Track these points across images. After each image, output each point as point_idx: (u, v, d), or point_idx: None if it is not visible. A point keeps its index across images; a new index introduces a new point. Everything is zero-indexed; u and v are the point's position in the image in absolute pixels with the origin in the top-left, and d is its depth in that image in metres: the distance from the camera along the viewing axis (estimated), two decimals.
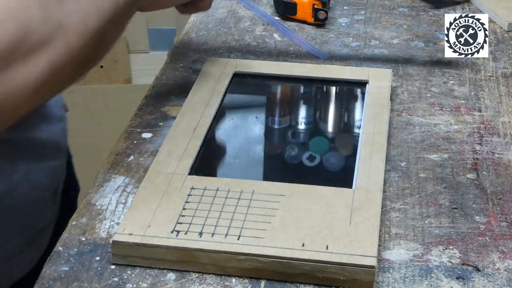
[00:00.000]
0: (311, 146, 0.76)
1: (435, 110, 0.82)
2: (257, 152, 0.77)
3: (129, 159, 0.73)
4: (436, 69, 0.92)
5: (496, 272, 0.60)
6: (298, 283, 0.58)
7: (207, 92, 0.79)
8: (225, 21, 1.04)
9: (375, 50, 0.96)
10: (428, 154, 0.75)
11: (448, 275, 0.59)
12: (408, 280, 0.59)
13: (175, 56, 0.94)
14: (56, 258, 0.61)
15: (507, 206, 0.68)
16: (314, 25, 1.02)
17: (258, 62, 0.89)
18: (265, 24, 1.03)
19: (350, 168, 0.68)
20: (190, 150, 0.70)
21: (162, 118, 0.80)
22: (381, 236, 0.63)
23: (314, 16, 1.02)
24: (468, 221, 0.65)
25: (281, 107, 0.86)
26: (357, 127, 0.78)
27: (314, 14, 1.02)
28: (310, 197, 0.63)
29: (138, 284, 0.58)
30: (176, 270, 0.59)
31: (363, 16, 1.06)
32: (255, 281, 0.58)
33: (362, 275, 0.57)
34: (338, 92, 0.86)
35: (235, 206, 0.62)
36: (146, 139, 0.77)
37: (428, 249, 0.62)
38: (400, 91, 0.86)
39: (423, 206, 0.67)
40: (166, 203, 0.63)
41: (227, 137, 0.77)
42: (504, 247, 0.63)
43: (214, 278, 0.59)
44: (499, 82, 0.89)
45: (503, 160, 0.74)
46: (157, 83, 0.88)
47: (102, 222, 0.65)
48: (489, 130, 0.79)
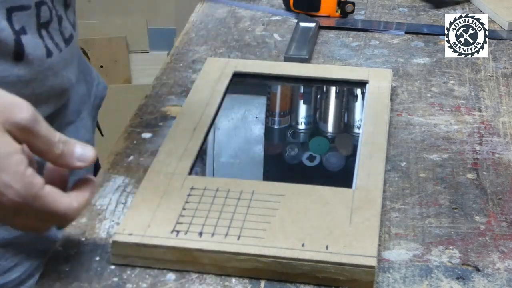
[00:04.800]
0: (311, 146, 0.76)
1: (435, 110, 0.82)
2: (257, 152, 0.77)
3: (129, 159, 0.73)
4: (436, 69, 0.92)
5: (496, 272, 0.60)
6: (298, 283, 0.58)
7: (207, 92, 0.79)
8: (225, 21, 1.04)
9: (375, 50, 0.96)
10: (428, 154, 0.75)
11: (448, 275, 0.59)
12: (408, 280, 0.59)
13: (175, 56, 0.94)
14: (56, 258, 0.61)
15: (507, 206, 0.68)
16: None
17: (258, 62, 0.89)
18: (265, 24, 1.03)
19: (350, 168, 0.68)
20: (190, 150, 0.70)
21: (162, 118, 0.80)
22: (381, 236, 0.63)
23: (340, 10, 1.02)
24: (468, 221, 0.65)
25: (281, 107, 0.86)
26: (357, 127, 0.78)
27: (340, 8, 1.02)
28: (310, 197, 0.63)
29: (138, 284, 0.58)
30: (176, 270, 0.59)
31: (363, 16, 1.06)
32: (255, 281, 0.58)
33: (362, 275, 0.57)
34: (338, 92, 0.86)
35: (235, 206, 0.62)
36: (146, 139, 0.77)
37: (428, 249, 0.62)
38: (400, 91, 0.86)
39: (423, 206, 0.67)
40: (166, 203, 0.63)
41: (227, 137, 0.77)
42: (504, 247, 0.62)
43: (214, 278, 0.59)
44: (499, 82, 0.89)
45: (503, 160, 0.74)
46: (157, 83, 0.88)
47: (102, 222, 0.65)
48: (489, 130, 0.79)
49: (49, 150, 0.53)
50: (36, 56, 0.70)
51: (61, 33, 0.74)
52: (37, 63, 0.71)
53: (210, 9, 1.09)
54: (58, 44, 0.73)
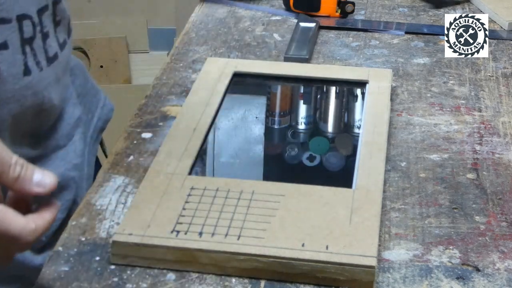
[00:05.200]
0: (311, 146, 0.76)
1: (435, 110, 0.82)
2: (257, 152, 0.77)
3: (129, 159, 0.73)
4: (436, 69, 0.92)
5: (496, 272, 0.60)
6: (298, 283, 0.58)
7: (207, 92, 0.79)
8: (225, 21, 1.04)
9: (375, 50, 0.96)
10: (428, 154, 0.75)
11: (448, 275, 0.59)
12: (408, 280, 0.59)
13: (175, 56, 0.94)
14: (56, 258, 0.61)
15: (507, 206, 0.68)
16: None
17: (258, 62, 0.89)
18: (265, 24, 1.03)
19: (350, 168, 0.68)
20: (190, 150, 0.70)
21: (162, 118, 0.80)
22: (381, 236, 0.63)
23: (340, 10, 1.02)
24: (468, 221, 0.65)
25: (281, 107, 0.86)
26: (357, 127, 0.78)
27: (340, 8, 1.02)
28: (310, 197, 0.63)
29: (138, 284, 0.58)
30: (176, 270, 0.59)
31: (363, 16, 1.06)
32: (255, 281, 0.58)
33: (362, 275, 0.57)
34: (338, 92, 0.86)
35: (235, 206, 0.62)
36: (146, 139, 0.77)
37: (428, 249, 0.62)
38: (400, 91, 0.86)
39: (423, 206, 0.67)
40: (166, 203, 0.63)
41: (227, 137, 0.77)
42: (504, 247, 0.62)
43: (214, 278, 0.59)
44: (499, 82, 0.89)
45: (503, 160, 0.74)
46: (157, 83, 0.88)
47: (102, 222, 0.65)
48: (489, 130, 0.79)
49: (3, 171, 0.51)
50: (11, 74, 0.67)
51: (45, 51, 0.71)
52: (11, 81, 0.68)
53: (210, 9, 1.09)
54: (40, 62, 0.70)
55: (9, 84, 0.68)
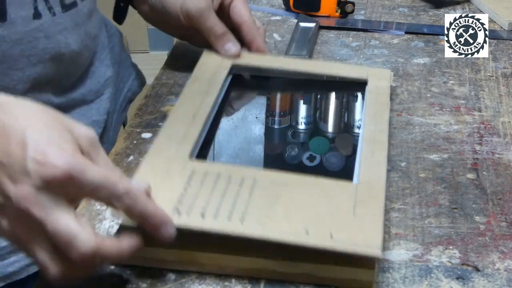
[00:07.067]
0: (311, 146, 0.76)
1: (435, 110, 0.82)
2: (257, 152, 0.76)
3: (129, 159, 0.73)
4: (436, 69, 0.92)
5: (496, 272, 0.60)
6: (298, 283, 0.58)
7: (206, 83, 0.78)
8: None
9: (375, 50, 0.96)
10: (428, 154, 0.75)
11: (448, 275, 0.59)
12: (408, 280, 0.59)
13: (175, 56, 0.94)
14: None
15: (507, 206, 0.68)
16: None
17: (256, 55, 0.88)
18: (265, 24, 1.03)
19: (351, 168, 0.68)
20: (189, 136, 0.68)
21: (162, 118, 0.80)
22: None
23: (340, 10, 1.02)
24: (468, 221, 0.65)
25: (281, 107, 0.86)
26: (357, 127, 0.78)
27: (340, 8, 1.02)
28: (313, 188, 0.62)
29: (138, 284, 0.58)
30: (176, 270, 0.59)
31: (363, 16, 1.06)
32: (255, 281, 0.58)
33: (362, 275, 0.57)
34: (338, 92, 0.86)
35: (237, 192, 0.60)
36: (146, 139, 0.77)
37: (428, 249, 0.62)
38: (400, 91, 0.86)
39: (423, 206, 0.67)
40: (167, 185, 0.61)
41: (227, 137, 0.77)
42: (504, 247, 0.62)
43: (214, 278, 0.59)
44: (499, 82, 0.89)
45: (503, 160, 0.74)
46: (157, 83, 0.88)
47: (102, 222, 0.65)
48: (489, 130, 0.79)
49: (108, 174, 0.52)
50: (19, 16, 0.70)
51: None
52: (21, 24, 0.71)
53: None
54: (52, 8, 0.74)
55: (18, 26, 0.71)
